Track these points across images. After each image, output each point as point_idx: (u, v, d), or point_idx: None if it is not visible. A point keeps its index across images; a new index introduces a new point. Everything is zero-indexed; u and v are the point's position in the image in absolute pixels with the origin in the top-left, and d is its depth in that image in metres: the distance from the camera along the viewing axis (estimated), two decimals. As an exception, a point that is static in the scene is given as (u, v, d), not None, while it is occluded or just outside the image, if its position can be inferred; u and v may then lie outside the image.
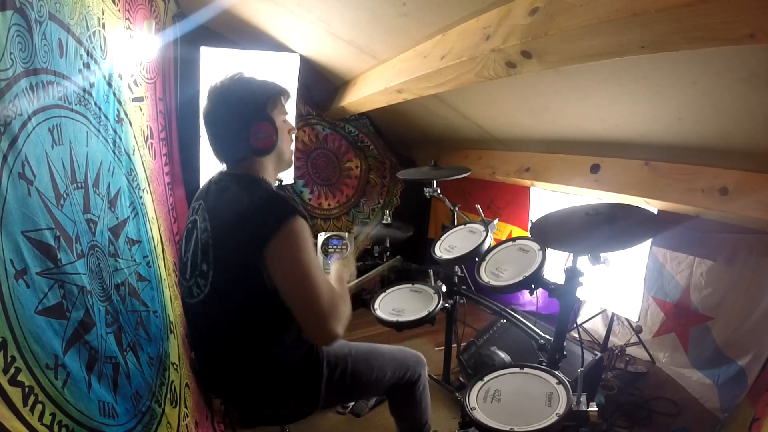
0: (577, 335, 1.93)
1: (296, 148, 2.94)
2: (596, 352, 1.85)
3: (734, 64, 1.23)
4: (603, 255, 1.24)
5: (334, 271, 1.38)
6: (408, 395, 1.49)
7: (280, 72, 2.50)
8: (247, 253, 1.06)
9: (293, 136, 1.32)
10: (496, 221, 1.93)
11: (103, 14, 1.19)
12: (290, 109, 1.34)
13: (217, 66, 2.22)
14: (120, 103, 1.30)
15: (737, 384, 1.84)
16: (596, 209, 1.31)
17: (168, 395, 1.24)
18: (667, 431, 1.87)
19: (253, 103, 1.18)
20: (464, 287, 1.98)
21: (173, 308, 1.49)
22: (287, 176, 2.94)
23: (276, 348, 1.18)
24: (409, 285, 1.93)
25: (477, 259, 1.72)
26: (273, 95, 1.22)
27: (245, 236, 1.07)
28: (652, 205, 1.90)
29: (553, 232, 1.37)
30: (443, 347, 2.13)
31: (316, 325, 1.08)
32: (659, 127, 1.76)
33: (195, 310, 1.22)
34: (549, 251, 1.52)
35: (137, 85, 1.52)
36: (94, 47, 1.12)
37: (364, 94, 2.41)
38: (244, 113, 1.17)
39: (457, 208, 2.05)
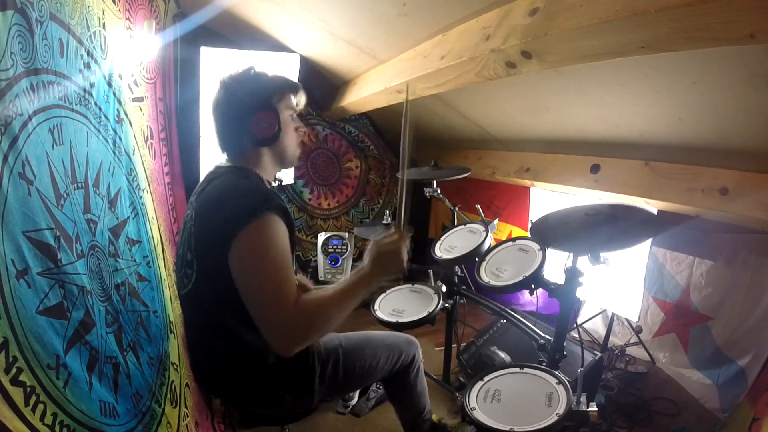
0: (577, 335, 1.93)
1: (296, 148, 2.96)
2: (596, 352, 1.85)
3: (734, 64, 1.23)
4: (603, 255, 1.24)
5: (354, 277, 1.11)
6: (403, 379, 1.48)
7: (280, 72, 2.50)
8: (219, 243, 1.02)
9: (301, 133, 1.30)
10: (496, 221, 1.93)
11: (103, 14, 1.19)
12: (300, 106, 1.31)
13: (217, 66, 2.22)
14: (120, 103, 1.30)
15: (737, 384, 1.84)
16: (596, 209, 1.31)
17: (168, 395, 1.24)
18: (667, 431, 1.87)
19: (259, 93, 1.19)
20: (464, 287, 1.99)
21: (173, 308, 1.49)
22: (287, 176, 2.94)
23: (262, 340, 1.13)
24: (409, 285, 1.94)
25: (477, 259, 1.73)
26: (281, 89, 1.23)
27: (218, 227, 1.04)
28: (652, 205, 1.90)
29: (553, 232, 1.37)
30: (443, 347, 2.13)
31: (262, 329, 1.00)
32: (659, 127, 1.76)
33: (185, 301, 1.23)
34: (549, 251, 1.52)
35: (137, 85, 1.52)
36: (94, 47, 1.12)
37: (364, 94, 2.41)
38: (248, 102, 1.18)
39: (457, 208, 2.05)
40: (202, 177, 1.31)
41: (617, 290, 2.14)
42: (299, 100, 1.29)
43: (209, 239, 1.08)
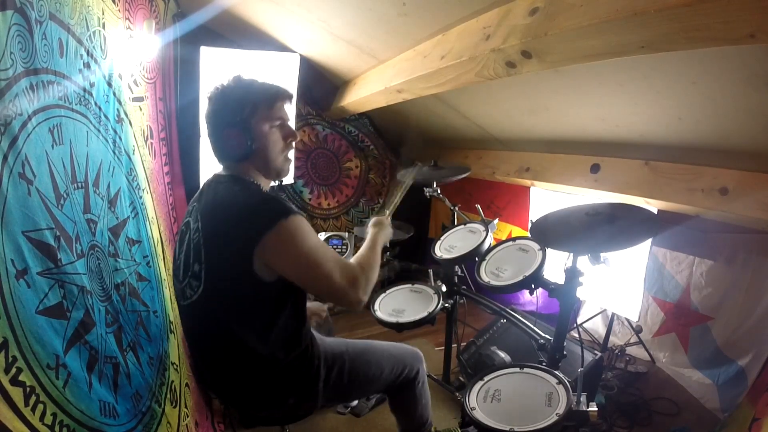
0: (577, 335, 1.93)
1: (296, 148, 2.95)
2: (596, 352, 1.85)
3: (734, 64, 1.23)
4: (603, 255, 1.24)
5: (369, 238, 1.38)
6: (407, 392, 1.48)
7: (280, 72, 2.50)
8: (239, 253, 1.06)
9: (291, 142, 1.26)
10: (496, 221, 1.93)
11: (103, 14, 1.19)
12: (291, 113, 1.29)
13: (217, 66, 2.22)
14: (120, 103, 1.30)
15: (737, 384, 1.84)
16: (596, 209, 1.31)
17: (168, 395, 1.24)
18: (667, 431, 1.87)
19: (231, 108, 1.17)
20: (464, 287, 1.98)
21: (173, 308, 1.49)
22: (287, 176, 2.93)
23: (268, 348, 1.17)
24: (409, 285, 1.93)
25: (477, 259, 1.73)
26: (257, 102, 1.18)
27: (237, 237, 1.07)
28: (652, 205, 1.90)
29: (553, 232, 1.37)
30: (443, 347, 2.13)
31: (337, 300, 1.18)
32: (659, 127, 1.76)
33: (188, 311, 1.22)
34: (549, 251, 1.52)
35: (137, 85, 1.52)
36: (94, 47, 1.12)
37: (364, 94, 2.41)
38: (221, 118, 1.18)
39: (457, 208, 2.05)
40: (202, 177, 1.31)
41: (617, 290, 2.14)
42: (286, 107, 1.25)
43: (226, 252, 1.09)
